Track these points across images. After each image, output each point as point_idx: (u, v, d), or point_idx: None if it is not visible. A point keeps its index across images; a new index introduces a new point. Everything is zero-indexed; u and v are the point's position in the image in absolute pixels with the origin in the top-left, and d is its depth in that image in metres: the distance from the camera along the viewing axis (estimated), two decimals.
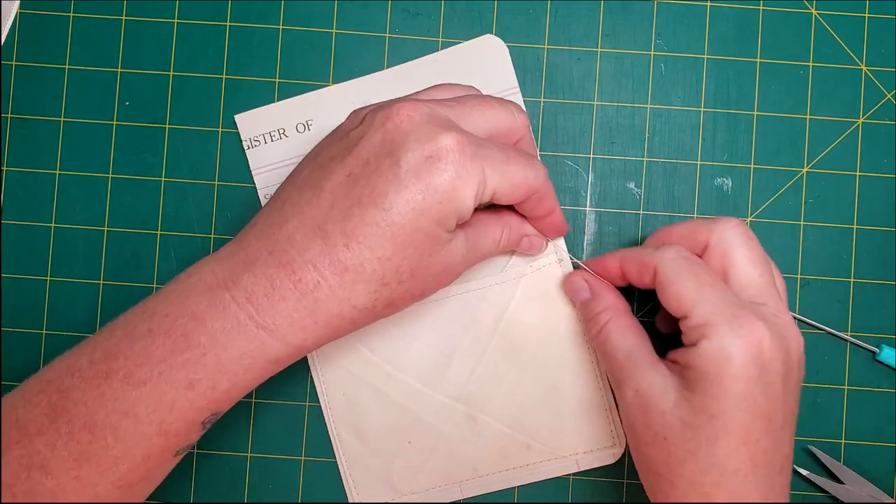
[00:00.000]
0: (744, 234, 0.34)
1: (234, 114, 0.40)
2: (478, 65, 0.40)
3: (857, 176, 0.40)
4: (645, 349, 0.34)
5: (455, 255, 0.33)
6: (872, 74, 0.41)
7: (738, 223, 0.34)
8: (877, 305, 0.40)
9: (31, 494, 0.29)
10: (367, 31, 0.41)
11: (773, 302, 0.33)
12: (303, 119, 0.40)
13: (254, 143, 0.40)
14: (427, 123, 0.31)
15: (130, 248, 0.40)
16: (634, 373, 0.33)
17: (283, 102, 0.40)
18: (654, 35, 0.41)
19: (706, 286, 0.32)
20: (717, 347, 0.31)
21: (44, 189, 0.40)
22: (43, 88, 0.40)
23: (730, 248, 0.34)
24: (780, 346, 0.31)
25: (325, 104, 0.40)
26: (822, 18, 0.41)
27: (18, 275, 0.40)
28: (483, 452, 0.39)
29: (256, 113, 0.40)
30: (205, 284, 0.31)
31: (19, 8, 0.40)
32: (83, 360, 0.31)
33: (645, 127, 0.40)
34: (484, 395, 0.39)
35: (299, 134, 0.40)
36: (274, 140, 0.40)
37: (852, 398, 0.40)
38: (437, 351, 0.39)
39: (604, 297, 0.37)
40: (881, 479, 0.40)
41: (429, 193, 0.30)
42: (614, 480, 0.40)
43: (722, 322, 0.31)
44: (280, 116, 0.40)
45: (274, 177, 0.40)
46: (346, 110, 0.38)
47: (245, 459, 0.40)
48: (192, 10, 0.40)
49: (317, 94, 0.40)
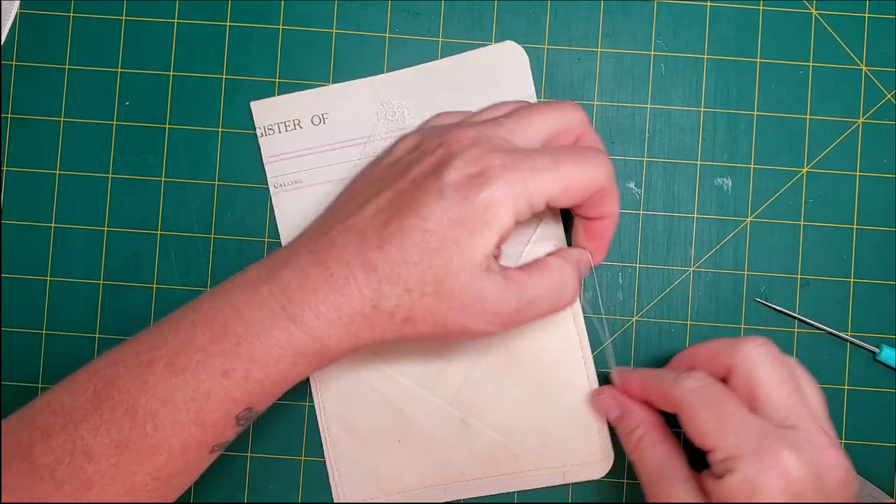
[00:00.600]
0: (768, 354, 0.33)
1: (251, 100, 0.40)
2: (496, 70, 0.40)
3: (857, 176, 0.40)
4: (677, 464, 0.34)
5: (490, 290, 0.32)
6: (872, 74, 0.41)
7: (763, 342, 0.33)
8: (877, 305, 0.40)
9: (72, 479, 0.30)
10: (367, 31, 0.41)
11: (804, 424, 0.32)
12: (318, 112, 0.40)
13: (267, 131, 0.40)
14: (475, 147, 0.32)
15: (130, 248, 0.40)
16: (665, 488, 0.33)
17: (299, 93, 0.40)
18: (654, 35, 0.41)
19: (729, 417, 0.31)
20: (742, 481, 0.30)
21: (44, 189, 0.40)
22: (43, 88, 0.40)
23: (755, 369, 0.33)
24: (810, 474, 0.30)
25: (342, 99, 0.40)
26: (822, 18, 0.41)
27: (18, 275, 0.40)
28: (473, 457, 0.39)
29: (272, 101, 0.40)
30: (248, 280, 0.33)
31: (19, 8, 0.40)
32: (129, 351, 0.32)
33: (645, 127, 0.40)
34: (478, 401, 0.39)
35: (314, 126, 0.40)
36: (288, 130, 0.40)
37: (852, 398, 0.40)
38: (436, 353, 0.39)
39: (634, 414, 0.36)
40: (881, 479, 0.40)
41: (466, 205, 0.31)
42: (614, 480, 0.40)
43: (746, 454, 0.30)
44: (296, 107, 0.40)
45: (285, 166, 0.40)
46: (362, 107, 0.38)
47: (245, 459, 0.40)
48: (192, 10, 0.40)
49: (334, 87, 0.40)
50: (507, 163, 0.31)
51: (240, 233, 0.40)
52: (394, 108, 0.40)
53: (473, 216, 0.31)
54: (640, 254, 0.40)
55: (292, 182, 0.40)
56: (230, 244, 0.40)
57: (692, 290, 0.40)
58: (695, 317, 0.40)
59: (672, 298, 0.40)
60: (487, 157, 0.31)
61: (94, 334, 0.40)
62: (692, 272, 0.40)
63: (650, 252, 0.40)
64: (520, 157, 0.32)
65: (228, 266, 0.40)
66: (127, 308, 0.40)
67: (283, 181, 0.40)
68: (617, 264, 0.40)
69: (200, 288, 0.40)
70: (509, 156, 0.31)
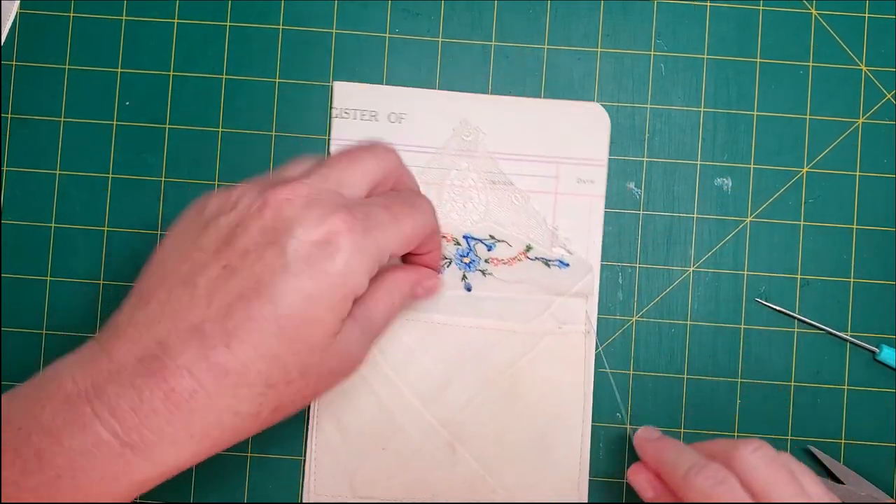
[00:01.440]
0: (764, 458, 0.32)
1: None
2: (578, 125, 0.40)
3: (857, 176, 0.40)
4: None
5: (350, 343, 0.30)
6: (872, 74, 0.41)
7: (757, 447, 0.32)
8: (877, 305, 0.40)
9: None
10: (367, 31, 0.41)
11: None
12: (397, 110, 0.40)
13: (343, 114, 0.40)
14: (310, 206, 0.28)
15: (130, 248, 0.40)
16: None
17: (384, 87, 0.40)
18: (654, 35, 0.41)
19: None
20: None
21: (44, 189, 0.40)
22: (43, 88, 0.40)
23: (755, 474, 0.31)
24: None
25: (423, 104, 0.40)
26: (822, 18, 0.41)
27: (18, 275, 0.40)
28: (450, 482, 0.39)
29: (355, 87, 0.40)
30: (64, 393, 0.27)
31: (19, 8, 0.40)
32: None
33: (645, 127, 0.40)
34: (471, 428, 0.39)
35: (389, 123, 0.40)
36: (363, 119, 0.40)
37: (852, 398, 0.40)
38: (441, 371, 0.39)
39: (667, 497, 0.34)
40: (881, 479, 0.40)
41: (321, 279, 0.27)
42: (614, 481, 0.40)
43: None
44: (377, 99, 0.40)
45: None
46: (441, 117, 0.39)
47: (245, 459, 0.40)
48: (192, 10, 0.40)
49: (419, 91, 0.40)
50: (353, 224, 0.28)
51: None
52: (472, 128, 0.40)
53: (330, 290, 0.28)
54: (640, 254, 0.40)
55: None
56: None
57: (692, 290, 0.40)
58: (695, 317, 0.40)
59: (672, 298, 0.40)
60: (330, 219, 0.28)
61: (94, 334, 0.40)
62: (692, 272, 0.40)
63: (650, 252, 0.40)
64: (361, 215, 0.29)
65: None
66: None
67: None
68: (617, 264, 0.40)
69: None
70: (352, 215, 0.28)
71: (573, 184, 0.40)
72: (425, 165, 0.40)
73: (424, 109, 0.40)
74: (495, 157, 0.40)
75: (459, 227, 0.40)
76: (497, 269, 0.39)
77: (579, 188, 0.40)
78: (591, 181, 0.40)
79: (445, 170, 0.40)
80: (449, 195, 0.40)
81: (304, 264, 0.27)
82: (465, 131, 0.40)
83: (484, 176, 0.40)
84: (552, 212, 0.40)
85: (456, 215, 0.40)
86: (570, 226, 0.40)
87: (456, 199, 0.40)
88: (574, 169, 0.40)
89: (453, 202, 0.40)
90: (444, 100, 0.40)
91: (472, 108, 0.40)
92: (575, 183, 0.40)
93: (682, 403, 0.40)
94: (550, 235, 0.40)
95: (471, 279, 0.39)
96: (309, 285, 0.27)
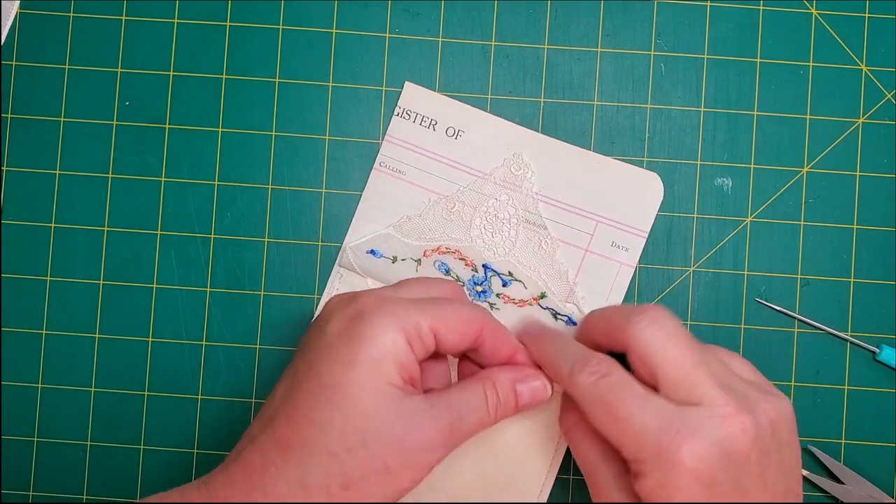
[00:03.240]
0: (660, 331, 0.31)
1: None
2: (629, 190, 0.39)
3: (857, 176, 0.40)
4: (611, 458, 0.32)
5: (417, 418, 0.30)
6: (872, 74, 0.41)
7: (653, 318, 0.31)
8: (877, 305, 0.40)
9: None
10: (367, 31, 0.41)
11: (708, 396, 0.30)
12: (457, 125, 0.40)
13: (405, 114, 0.40)
14: (349, 297, 0.32)
15: (130, 248, 0.40)
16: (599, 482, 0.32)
17: (452, 100, 0.40)
18: (654, 35, 0.41)
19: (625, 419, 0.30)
20: (654, 485, 0.29)
21: (44, 189, 0.40)
22: (43, 88, 0.40)
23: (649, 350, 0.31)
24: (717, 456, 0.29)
25: (485, 127, 0.40)
26: (822, 18, 0.41)
27: (18, 275, 0.40)
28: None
29: (425, 93, 0.40)
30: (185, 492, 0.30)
31: (19, 8, 0.40)
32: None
33: (645, 127, 0.40)
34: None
35: (446, 136, 0.40)
36: (423, 125, 0.40)
37: (852, 398, 0.40)
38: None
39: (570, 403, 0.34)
40: (881, 479, 0.40)
41: (353, 345, 0.30)
42: None
43: (649, 458, 0.29)
44: (442, 109, 0.40)
45: (400, 152, 0.40)
46: (497, 145, 0.40)
47: None
48: (192, 10, 0.40)
49: (484, 114, 0.40)
50: (381, 298, 0.31)
51: (240, 233, 0.40)
52: (523, 163, 0.40)
53: (363, 351, 0.29)
54: (640, 254, 0.40)
55: (396, 169, 0.40)
56: (230, 244, 0.40)
57: (692, 290, 0.40)
58: (695, 317, 0.40)
59: (672, 298, 0.40)
60: (360, 298, 0.31)
61: (94, 334, 0.40)
62: (692, 272, 0.40)
63: (650, 252, 0.40)
64: (391, 292, 0.32)
65: (228, 266, 0.40)
66: (127, 308, 0.40)
67: (389, 163, 0.40)
68: None
69: (200, 288, 0.40)
70: (381, 293, 0.32)
71: (607, 246, 0.39)
72: (467, 186, 0.40)
73: (484, 132, 0.40)
74: (537, 198, 0.40)
75: (482, 255, 0.40)
76: (506, 306, 0.39)
77: (612, 252, 0.39)
78: (626, 249, 0.39)
79: (485, 196, 0.40)
80: (481, 221, 0.40)
81: (338, 337, 0.30)
82: (516, 165, 0.40)
83: (521, 213, 0.40)
84: (577, 267, 0.39)
85: (482, 242, 0.40)
86: (591, 286, 0.39)
87: (486, 227, 0.40)
88: (612, 231, 0.39)
89: (483, 229, 0.40)
90: (504, 129, 0.40)
91: (530, 144, 0.40)
92: (609, 245, 0.39)
93: None
94: (568, 290, 0.39)
95: None
96: (343, 351, 0.30)
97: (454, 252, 0.40)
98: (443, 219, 0.40)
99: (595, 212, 0.39)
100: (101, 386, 0.40)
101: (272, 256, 0.40)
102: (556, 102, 0.40)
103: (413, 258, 0.40)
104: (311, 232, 0.40)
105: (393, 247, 0.40)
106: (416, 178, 0.40)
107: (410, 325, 0.30)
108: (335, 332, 0.30)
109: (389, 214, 0.40)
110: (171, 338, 0.40)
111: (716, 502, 0.29)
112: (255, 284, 0.40)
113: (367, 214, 0.40)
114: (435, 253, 0.40)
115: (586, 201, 0.39)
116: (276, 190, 0.40)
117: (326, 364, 0.30)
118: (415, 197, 0.40)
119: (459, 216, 0.40)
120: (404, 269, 0.39)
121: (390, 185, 0.40)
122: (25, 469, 0.40)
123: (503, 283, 0.39)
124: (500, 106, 0.40)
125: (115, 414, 0.40)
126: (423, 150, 0.40)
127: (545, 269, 0.39)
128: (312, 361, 0.30)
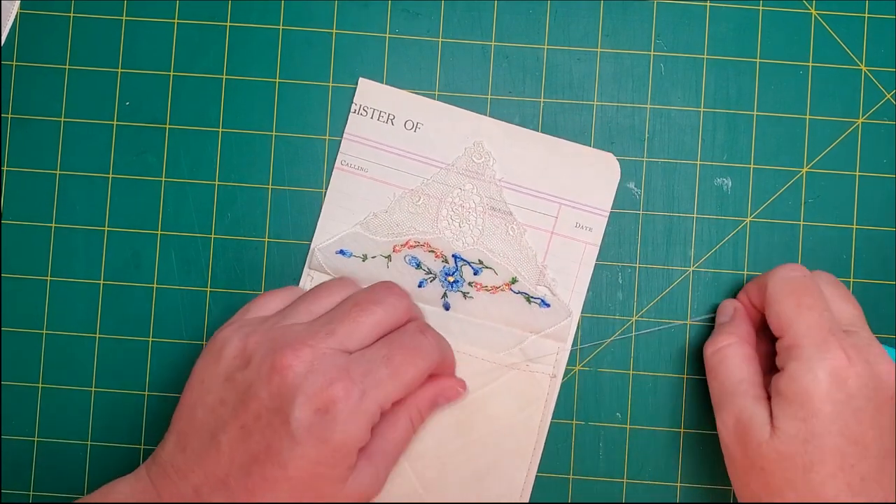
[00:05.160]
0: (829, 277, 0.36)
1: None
2: (587, 171, 0.40)
3: (856, 176, 0.40)
4: (756, 383, 0.35)
5: (363, 481, 0.33)
6: (872, 74, 0.41)
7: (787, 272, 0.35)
8: (877, 305, 0.40)
9: None
10: (367, 31, 0.41)
11: (866, 333, 0.34)
12: (415, 118, 0.40)
13: (362, 110, 0.40)
14: (312, 374, 0.31)
15: (130, 248, 0.40)
16: (739, 401, 0.34)
17: (408, 93, 0.40)
18: (654, 35, 0.41)
19: (805, 309, 0.33)
20: (805, 369, 0.32)
21: (44, 189, 0.40)
22: (43, 88, 0.40)
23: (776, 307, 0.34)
24: (869, 374, 0.32)
25: (442, 118, 0.40)
26: (821, 18, 0.41)
27: (18, 275, 0.40)
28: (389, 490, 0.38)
29: (379, 87, 0.40)
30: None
31: (19, 8, 0.40)
32: None
33: (645, 127, 0.40)
34: (417, 446, 0.38)
35: (405, 130, 0.40)
36: (380, 120, 0.40)
37: None
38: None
39: (739, 324, 0.37)
40: None
41: (323, 447, 0.31)
42: (614, 480, 0.40)
43: (810, 345, 0.32)
44: (398, 103, 0.40)
45: (359, 150, 0.40)
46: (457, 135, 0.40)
47: None
48: (192, 10, 0.41)
49: (440, 104, 0.40)
50: (350, 390, 0.31)
51: (240, 233, 0.40)
52: (484, 152, 0.40)
53: (333, 454, 0.31)
54: (639, 254, 0.40)
55: (357, 167, 0.40)
56: (230, 244, 0.40)
57: (692, 290, 0.40)
58: (695, 317, 0.40)
59: (672, 298, 0.40)
60: (330, 389, 0.31)
61: (95, 334, 0.40)
62: (692, 272, 0.40)
63: (650, 252, 0.40)
64: (359, 375, 0.32)
65: (228, 266, 0.40)
66: (127, 308, 0.40)
67: (350, 162, 0.40)
68: (617, 264, 0.40)
69: (201, 288, 0.40)
70: (350, 381, 0.32)
71: (571, 227, 0.40)
72: (431, 178, 0.40)
73: (442, 124, 0.40)
74: (501, 185, 0.40)
75: (451, 246, 0.40)
76: (479, 294, 0.39)
77: (576, 233, 0.40)
78: (590, 228, 0.40)
79: (449, 187, 0.40)
80: (447, 212, 0.40)
81: (306, 433, 0.31)
82: (477, 154, 0.40)
83: (486, 201, 0.40)
84: (545, 250, 0.40)
85: (450, 233, 0.40)
86: (560, 268, 0.40)
87: (453, 218, 0.40)
88: (575, 213, 0.40)
89: (450, 220, 0.40)
90: (463, 118, 0.40)
91: (489, 133, 0.40)
92: (573, 226, 0.40)
93: (681, 403, 0.40)
94: (538, 273, 0.39)
95: (451, 298, 0.39)
96: (312, 452, 0.31)
97: (423, 245, 0.40)
98: (409, 213, 0.40)
99: (557, 195, 0.40)
100: (101, 386, 0.40)
101: (272, 256, 0.40)
102: (556, 102, 0.40)
103: (383, 255, 0.40)
104: (311, 232, 0.40)
105: (362, 245, 0.40)
106: (379, 174, 0.40)
107: (377, 414, 0.32)
108: (302, 426, 0.31)
109: (355, 213, 0.40)
110: (171, 338, 0.40)
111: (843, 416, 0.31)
112: (255, 284, 0.40)
113: (332, 214, 0.40)
114: (404, 248, 0.40)
115: (548, 185, 0.40)
116: (276, 190, 0.40)
117: (293, 460, 0.31)
118: (379, 193, 0.40)
119: (426, 209, 0.40)
120: (375, 267, 0.39)
121: (353, 184, 0.40)
122: (25, 469, 0.40)
123: (474, 272, 0.40)
124: (500, 106, 0.40)
125: (115, 414, 0.40)
126: (384, 145, 0.40)
127: (514, 255, 0.40)
128: (273, 447, 0.31)
